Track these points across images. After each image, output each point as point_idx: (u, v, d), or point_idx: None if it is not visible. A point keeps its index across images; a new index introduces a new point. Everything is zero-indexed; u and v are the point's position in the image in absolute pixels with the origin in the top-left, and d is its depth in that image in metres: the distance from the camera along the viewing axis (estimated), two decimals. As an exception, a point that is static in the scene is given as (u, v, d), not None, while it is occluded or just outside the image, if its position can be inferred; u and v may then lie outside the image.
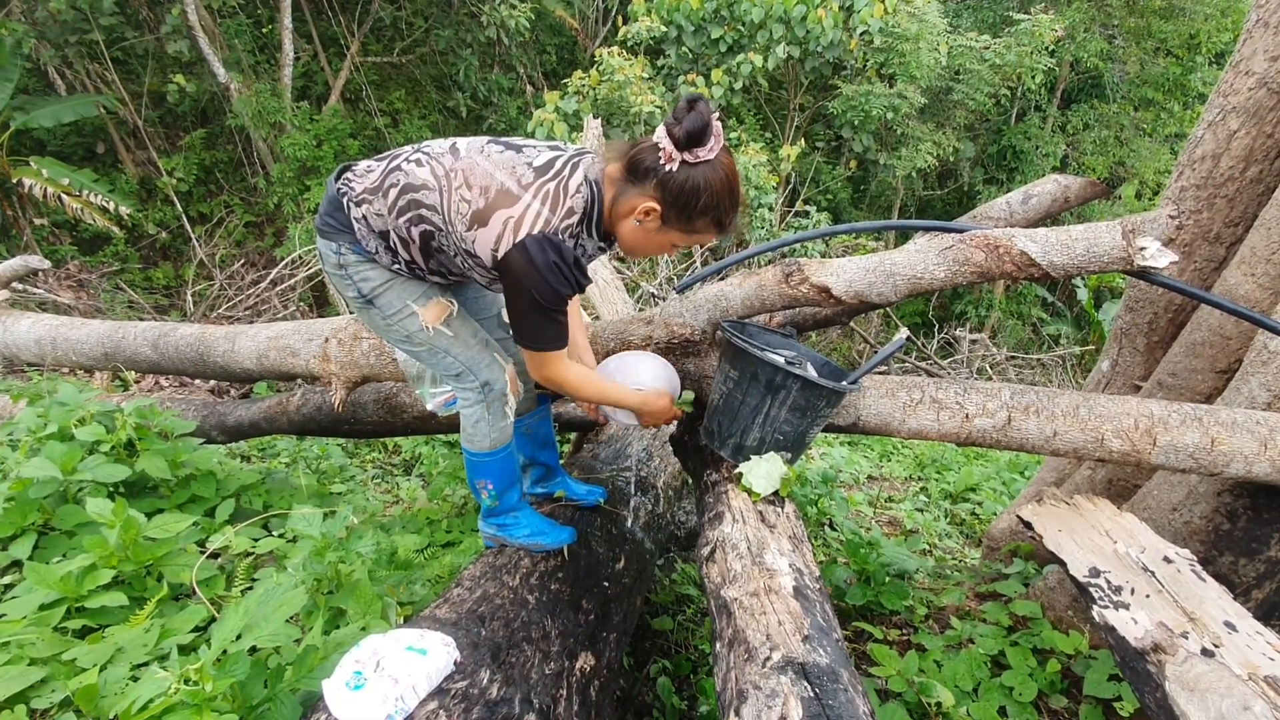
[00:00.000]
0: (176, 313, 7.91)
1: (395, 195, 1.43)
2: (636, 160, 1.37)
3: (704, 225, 1.40)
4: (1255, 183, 2.04)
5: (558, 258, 1.36)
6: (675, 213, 1.37)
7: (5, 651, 1.47)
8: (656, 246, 1.47)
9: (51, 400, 2.36)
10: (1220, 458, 1.61)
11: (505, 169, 1.40)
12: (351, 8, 10.10)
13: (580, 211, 1.40)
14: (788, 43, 7.89)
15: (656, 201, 1.36)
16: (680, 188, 1.34)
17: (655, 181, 1.35)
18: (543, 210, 1.37)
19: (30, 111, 7.80)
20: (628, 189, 1.40)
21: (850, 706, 0.98)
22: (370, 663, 1.15)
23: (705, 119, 1.28)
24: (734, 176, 1.38)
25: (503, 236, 1.36)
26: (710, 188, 1.34)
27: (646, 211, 1.38)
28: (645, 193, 1.37)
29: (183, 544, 1.99)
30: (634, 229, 1.43)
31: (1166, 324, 2.31)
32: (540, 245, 1.35)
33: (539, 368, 1.56)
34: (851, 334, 8.96)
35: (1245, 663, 1.15)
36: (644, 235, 1.44)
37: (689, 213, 1.37)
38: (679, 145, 1.30)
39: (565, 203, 1.38)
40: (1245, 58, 2.01)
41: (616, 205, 1.42)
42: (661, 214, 1.38)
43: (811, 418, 1.63)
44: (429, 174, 1.41)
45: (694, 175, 1.33)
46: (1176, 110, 10.83)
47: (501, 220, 1.36)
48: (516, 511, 1.82)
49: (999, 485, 4.68)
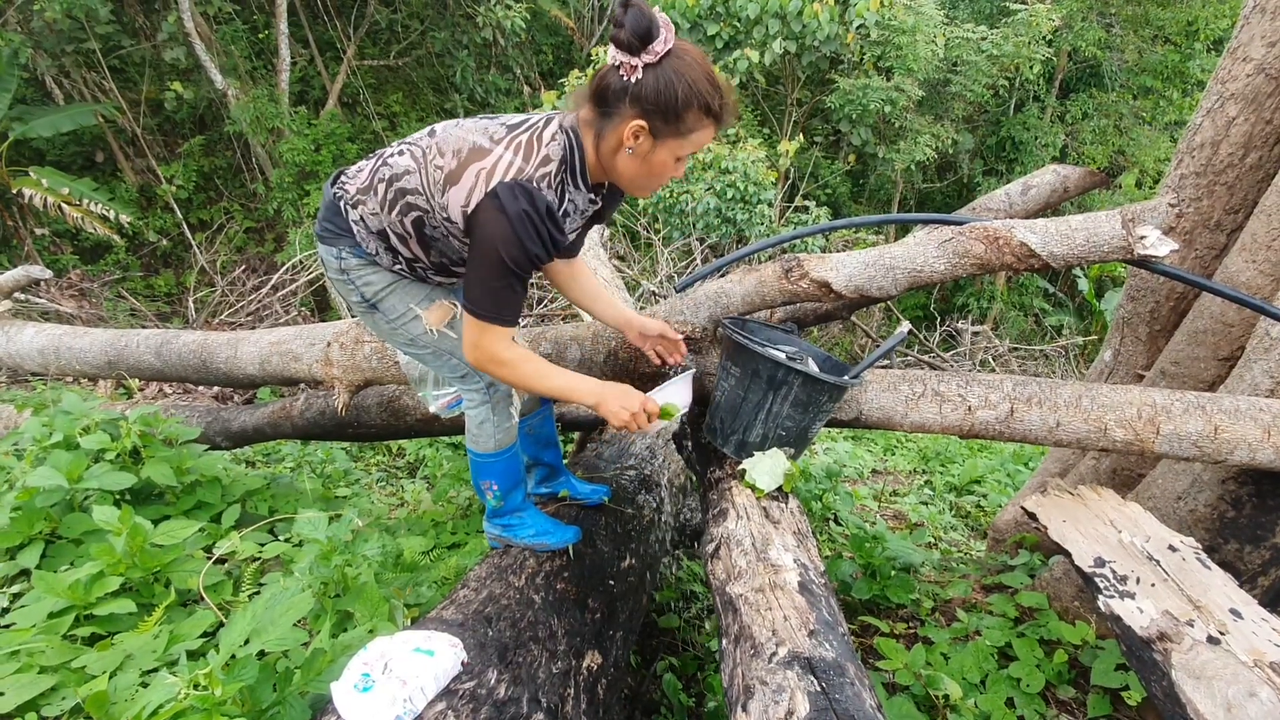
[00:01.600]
0: (178, 320, 7.93)
1: (384, 190, 1.43)
2: (602, 90, 1.30)
3: (695, 120, 1.30)
4: (1255, 169, 2.03)
5: (529, 206, 1.28)
6: (661, 120, 1.28)
7: (15, 660, 1.48)
8: (660, 168, 1.37)
9: (56, 409, 2.37)
10: (1224, 445, 1.61)
11: (478, 131, 1.37)
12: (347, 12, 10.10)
13: (558, 159, 1.34)
14: (784, 38, 7.87)
15: (639, 117, 1.28)
16: (655, 91, 1.25)
17: (629, 99, 1.27)
18: (515, 159, 1.31)
19: (28, 121, 7.82)
20: (606, 122, 1.33)
21: (857, 700, 0.98)
22: (378, 665, 1.16)
23: (646, 15, 1.21)
24: (703, 60, 1.29)
25: (474, 190, 1.30)
26: (683, 78, 1.25)
27: (635, 133, 1.30)
28: (625, 116, 1.29)
29: (189, 550, 1.99)
30: (629, 159, 1.35)
31: (1168, 312, 2.31)
32: (512, 192, 1.28)
33: (476, 342, 1.41)
34: (853, 328, 8.95)
35: (1251, 649, 1.15)
36: (642, 161, 1.35)
37: (675, 112, 1.28)
38: (632, 50, 1.23)
39: (540, 151, 1.32)
40: (1243, 44, 2.01)
41: (602, 144, 1.35)
42: (650, 128, 1.29)
43: (814, 413, 1.63)
44: (409, 160, 1.40)
45: (662, 73, 1.25)
46: (1175, 98, 10.81)
47: (473, 174, 1.31)
48: (521, 512, 1.82)
49: (1003, 477, 4.68)
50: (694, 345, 1.95)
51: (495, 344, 1.41)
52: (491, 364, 1.44)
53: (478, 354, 1.43)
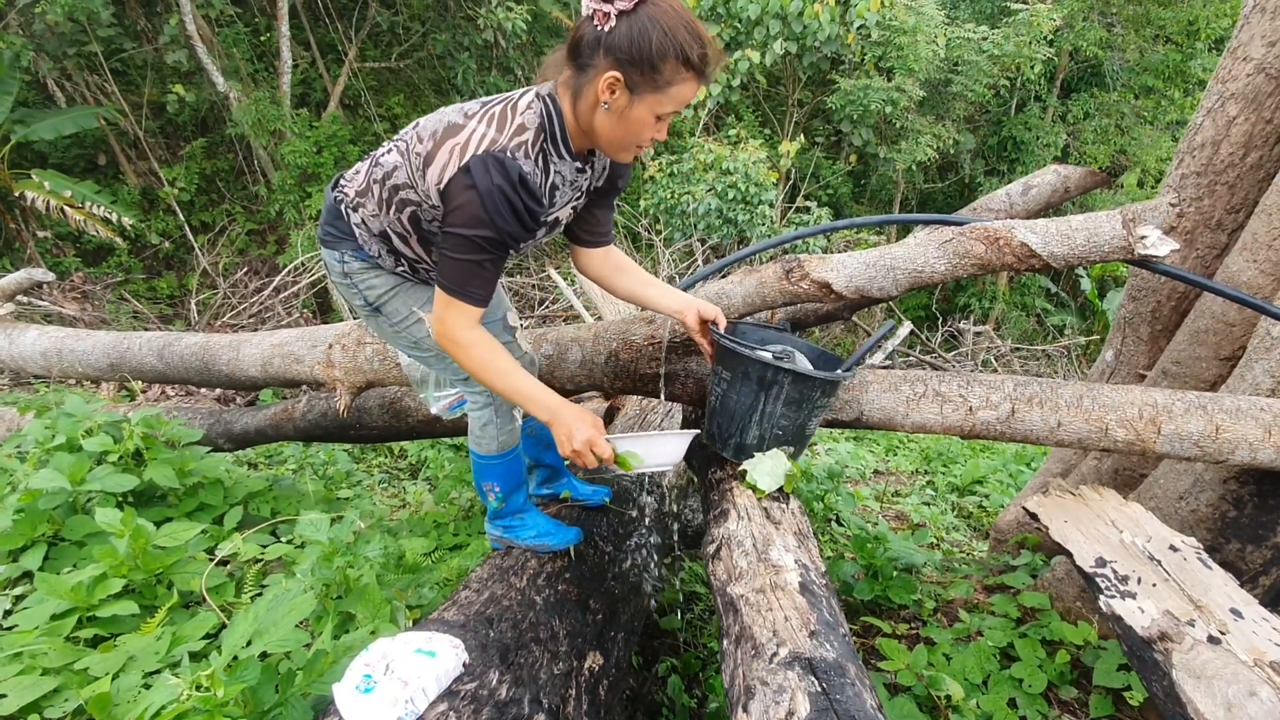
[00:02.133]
0: (181, 322, 7.95)
1: (379, 190, 1.43)
2: (576, 45, 1.25)
3: (672, 71, 1.22)
4: (1255, 169, 2.03)
5: (502, 180, 1.23)
6: (637, 72, 1.21)
7: (18, 662, 1.49)
8: (638, 125, 1.28)
9: (59, 412, 2.37)
10: (1225, 445, 1.61)
11: (454, 111, 1.34)
12: (349, 14, 10.12)
13: (534, 127, 1.29)
14: (785, 39, 7.88)
15: (614, 69, 1.21)
16: (629, 40, 1.19)
17: (602, 49, 1.21)
18: (488, 131, 1.26)
19: (30, 124, 7.84)
20: (581, 79, 1.26)
21: (858, 701, 0.98)
22: (380, 666, 1.16)
23: None
24: (681, 8, 1.22)
25: (447, 166, 1.26)
26: (659, 24, 1.18)
27: (610, 86, 1.23)
28: (599, 68, 1.23)
29: (192, 552, 2.00)
30: (605, 116, 1.27)
31: (1170, 312, 2.30)
32: (484, 165, 1.23)
33: (440, 316, 1.35)
34: (855, 329, 8.95)
35: (1251, 649, 1.15)
36: (619, 118, 1.27)
37: (650, 62, 1.20)
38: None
39: (514, 120, 1.28)
40: (1243, 43, 2.01)
41: (580, 103, 1.29)
42: (625, 81, 1.22)
43: (808, 410, 1.63)
44: (396, 155, 1.40)
45: (636, 20, 1.18)
46: (1177, 97, 10.80)
47: (448, 150, 1.27)
48: (523, 513, 1.83)
49: (1005, 477, 4.67)
50: (694, 346, 1.95)
51: (456, 321, 1.34)
52: (449, 342, 1.37)
53: (439, 329, 1.37)
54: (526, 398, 1.40)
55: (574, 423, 1.38)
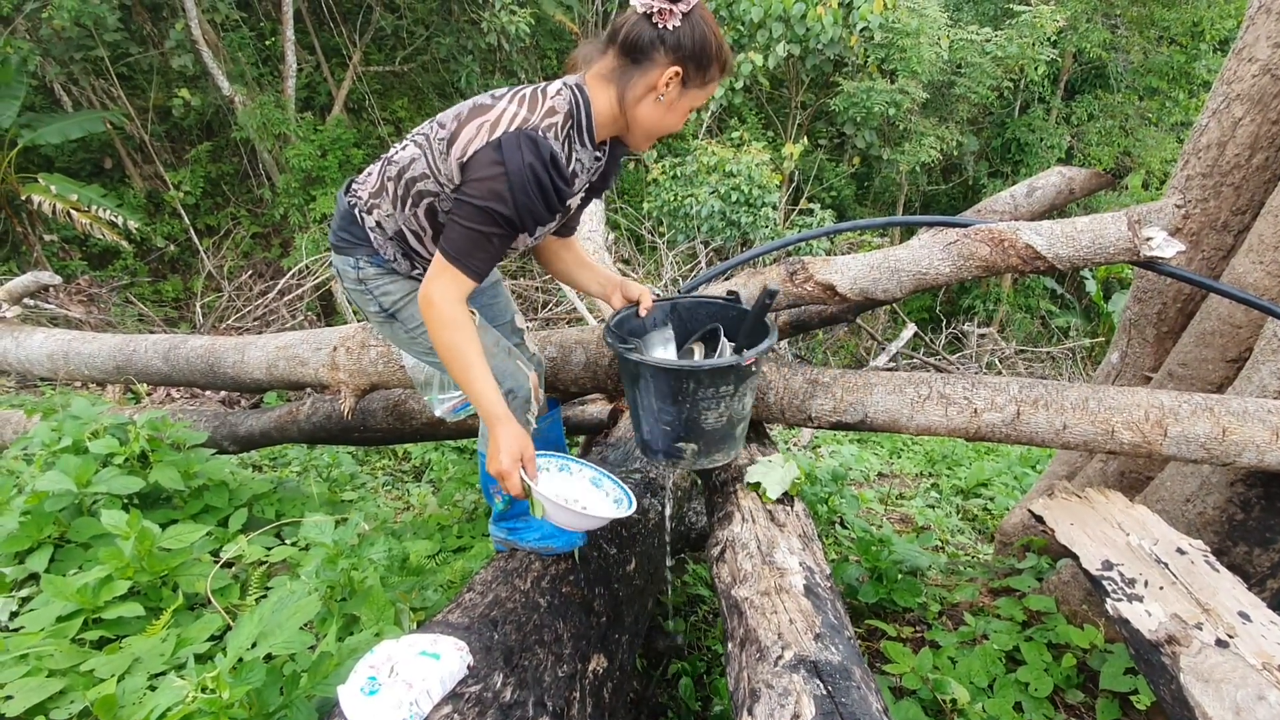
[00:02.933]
0: (186, 325, 7.98)
1: (393, 187, 1.43)
2: (634, 39, 1.31)
3: (715, 72, 1.36)
4: (1261, 170, 2.02)
5: (534, 157, 1.25)
6: (695, 68, 1.33)
7: (24, 663, 1.49)
8: (679, 116, 1.40)
9: (65, 414, 2.38)
10: (1232, 447, 1.60)
11: (480, 96, 1.38)
12: (353, 18, 10.16)
13: (563, 112, 1.33)
14: (788, 41, 7.88)
15: (675, 63, 1.31)
16: (692, 41, 1.29)
17: (665, 47, 1.30)
18: (520, 110, 1.29)
19: (37, 129, 7.89)
20: (634, 72, 1.33)
21: (863, 704, 0.98)
22: (384, 668, 1.16)
23: None
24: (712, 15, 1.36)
25: (474, 140, 1.28)
26: (710, 29, 1.31)
27: (668, 81, 1.32)
28: (659, 63, 1.31)
29: (197, 554, 2.00)
30: (653, 107, 1.36)
31: (1176, 314, 2.30)
32: (516, 142, 1.25)
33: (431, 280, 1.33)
34: (859, 330, 8.93)
35: (1260, 652, 1.14)
36: (665, 109, 1.37)
37: (706, 62, 1.33)
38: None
39: (545, 103, 1.32)
40: (1248, 44, 2.00)
41: (628, 93, 1.35)
42: (683, 76, 1.33)
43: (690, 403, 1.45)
44: (413, 149, 1.40)
45: (695, 24, 1.29)
46: (1182, 99, 10.76)
47: (475, 126, 1.29)
48: (527, 516, 1.83)
49: (1010, 480, 4.66)
50: (699, 348, 1.95)
51: (447, 290, 1.32)
52: (429, 308, 1.33)
53: (425, 290, 1.33)
54: (479, 395, 1.37)
55: (511, 443, 1.37)
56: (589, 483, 1.68)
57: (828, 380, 1.87)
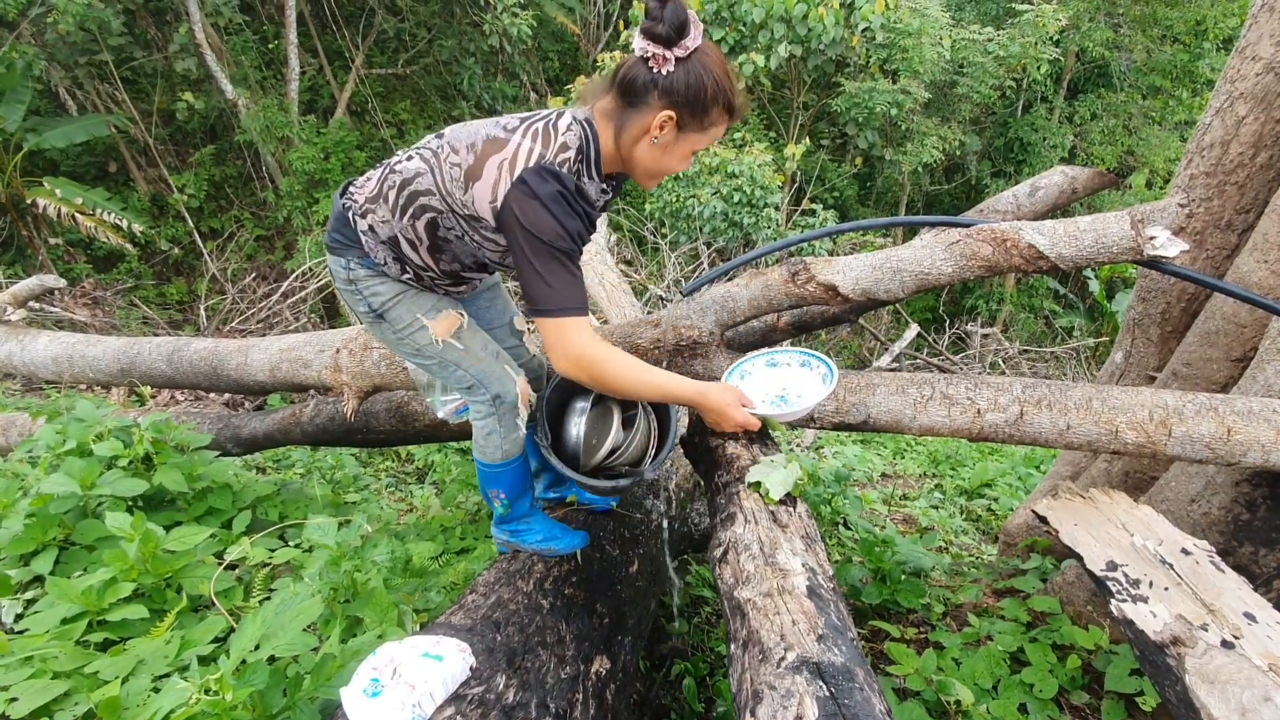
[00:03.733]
0: (190, 327, 8.00)
1: (394, 196, 1.44)
2: (629, 82, 1.32)
3: (718, 115, 1.36)
4: (1265, 168, 2.02)
5: (560, 186, 1.29)
6: (689, 113, 1.32)
7: (29, 665, 1.49)
8: (678, 159, 1.41)
9: (70, 417, 2.39)
10: (1237, 447, 1.59)
11: (490, 124, 1.38)
12: (356, 21, 10.19)
13: (575, 148, 1.35)
14: (789, 42, 7.88)
15: (669, 109, 1.31)
16: (686, 86, 1.29)
17: (658, 92, 1.30)
18: (534, 146, 1.32)
19: (42, 133, 7.93)
20: (629, 113, 1.35)
21: (866, 705, 0.97)
22: (387, 670, 1.16)
23: (681, 10, 1.24)
24: (722, 58, 1.34)
25: (499, 182, 1.31)
26: (712, 74, 1.30)
27: (662, 125, 1.33)
28: (652, 107, 1.32)
29: (201, 556, 2.01)
30: (651, 148, 1.37)
31: (1180, 313, 2.29)
32: (539, 175, 1.29)
33: (562, 345, 1.35)
34: (861, 331, 8.92)
35: (1266, 654, 1.14)
36: (664, 151, 1.38)
37: (703, 107, 1.32)
38: (668, 43, 1.26)
39: (557, 139, 1.34)
40: (1251, 43, 1.99)
41: (624, 134, 1.37)
42: (677, 121, 1.33)
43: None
44: (419, 163, 1.41)
45: (692, 68, 1.29)
46: (1185, 97, 10.73)
47: (495, 165, 1.32)
48: (529, 518, 1.83)
49: (1014, 480, 4.65)
50: (700, 349, 1.95)
51: (578, 339, 1.36)
52: (585, 363, 1.37)
53: (566, 358, 1.37)
54: (667, 394, 1.51)
55: (723, 397, 1.54)
56: (799, 366, 1.76)
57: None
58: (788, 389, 1.72)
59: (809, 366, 1.75)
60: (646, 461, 1.67)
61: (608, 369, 1.39)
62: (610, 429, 1.67)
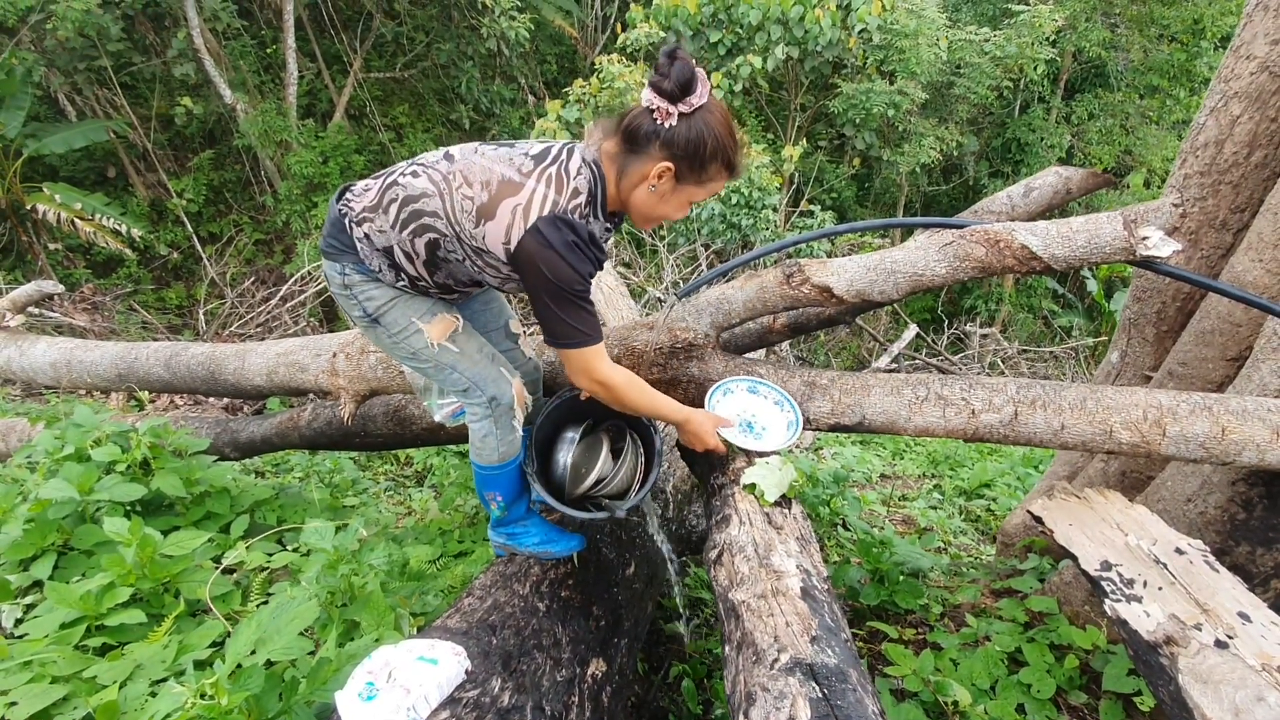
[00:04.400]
0: (189, 332, 8.01)
1: (396, 210, 1.44)
2: (633, 129, 1.36)
3: (716, 171, 1.40)
4: (1260, 168, 2.02)
5: (574, 236, 1.34)
6: (687, 166, 1.37)
7: (28, 670, 1.50)
8: (674, 208, 1.45)
9: (68, 422, 2.40)
10: (1232, 447, 1.59)
11: (503, 162, 1.40)
12: (354, 25, 10.22)
13: (585, 192, 1.39)
14: (786, 43, 7.89)
15: (667, 160, 1.35)
16: (686, 141, 1.33)
17: (659, 143, 1.34)
18: (549, 193, 1.36)
19: (42, 138, 7.94)
20: (631, 159, 1.39)
21: (859, 706, 0.98)
22: (382, 673, 1.17)
23: (690, 68, 1.28)
24: (728, 115, 1.38)
25: (513, 225, 1.35)
26: (713, 131, 1.34)
27: (659, 175, 1.37)
28: (652, 156, 1.36)
29: (199, 560, 2.01)
30: (648, 195, 1.42)
31: (1175, 313, 2.29)
32: (554, 225, 1.33)
33: (584, 371, 1.48)
34: (860, 332, 8.93)
35: (1260, 653, 1.14)
36: (659, 199, 1.43)
37: (701, 163, 1.36)
38: (672, 99, 1.30)
39: (570, 184, 1.38)
40: (1246, 42, 2.00)
41: (624, 178, 1.41)
42: (675, 172, 1.37)
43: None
44: (426, 182, 1.42)
45: (695, 124, 1.32)
46: (1182, 96, 10.74)
47: (509, 209, 1.35)
48: (525, 520, 1.83)
49: (1013, 480, 4.65)
50: (696, 351, 1.95)
51: (598, 366, 1.48)
52: (604, 388, 1.51)
53: (588, 382, 1.51)
54: (663, 415, 1.67)
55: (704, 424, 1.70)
56: (773, 404, 1.85)
57: (825, 382, 1.87)
58: (757, 418, 1.82)
59: (781, 407, 1.83)
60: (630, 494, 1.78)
61: (622, 391, 1.54)
62: (598, 459, 1.80)
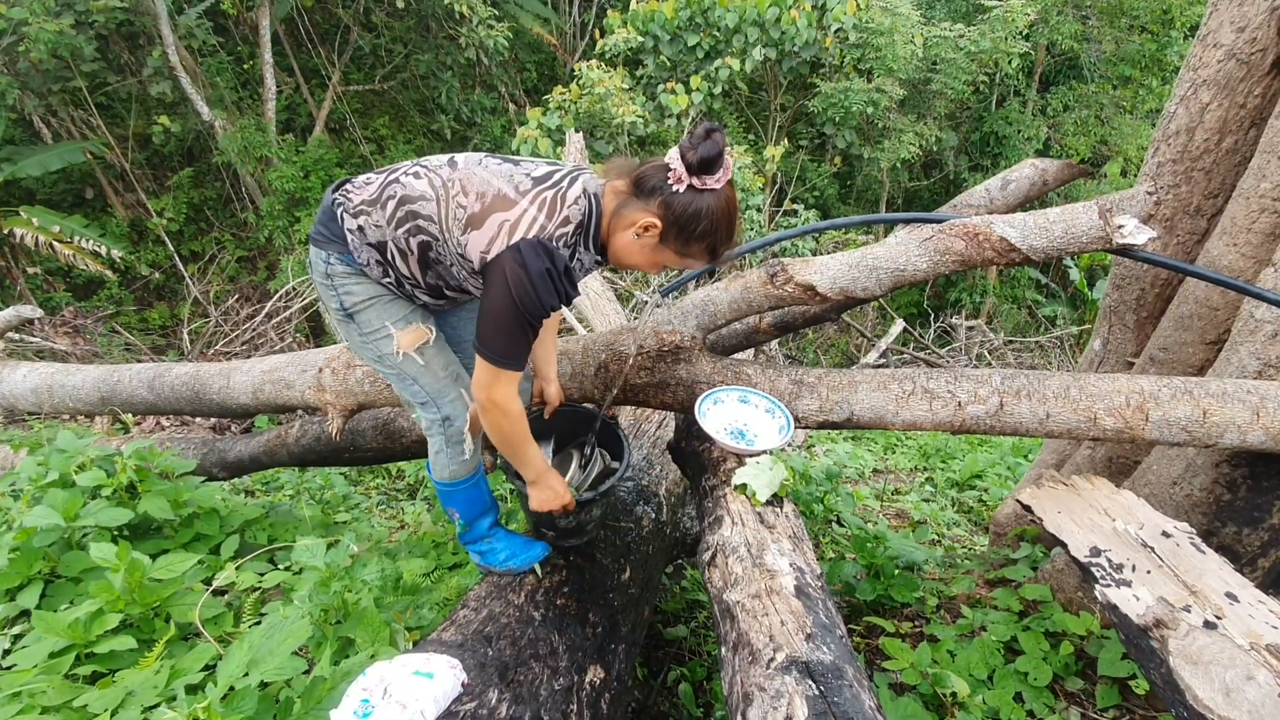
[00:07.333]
0: (174, 352, 7.93)
1: (393, 207, 1.44)
2: (644, 177, 1.39)
3: (698, 250, 1.42)
4: (1231, 153, 2.05)
5: (550, 264, 1.36)
6: (674, 233, 1.39)
7: (17, 701, 1.47)
8: (647, 262, 1.48)
9: (51, 448, 2.36)
10: (1214, 429, 1.61)
11: (503, 178, 1.42)
12: (331, 39, 10.17)
13: (576, 222, 1.41)
14: (764, 45, 7.94)
15: (658, 218, 1.38)
16: (683, 210, 1.36)
17: (660, 200, 1.37)
18: (539, 216, 1.37)
19: (17, 161, 7.85)
20: (631, 202, 1.42)
21: (856, 702, 0.98)
22: (377, 690, 1.16)
23: (719, 149, 1.31)
24: (735, 209, 1.41)
25: (496, 239, 1.36)
26: (711, 215, 1.37)
27: (646, 227, 1.39)
28: (648, 209, 1.39)
29: (189, 583, 1.99)
30: (630, 242, 1.44)
31: (1154, 299, 2.32)
32: (535, 250, 1.35)
33: (489, 385, 1.45)
34: (848, 328, 8.97)
35: (1248, 632, 1.15)
36: (638, 249, 1.45)
37: (687, 235, 1.39)
38: (690, 169, 1.33)
39: (562, 211, 1.39)
40: (1212, 30, 2.03)
41: (617, 217, 1.44)
42: (661, 231, 1.40)
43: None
44: (426, 185, 1.43)
45: (698, 200, 1.35)
46: (1155, 86, 10.88)
47: (497, 223, 1.36)
48: (490, 538, 1.82)
49: (1004, 470, 4.68)
50: (683, 354, 1.95)
51: (506, 390, 1.46)
52: (494, 407, 1.47)
53: (485, 396, 1.47)
54: (526, 466, 1.62)
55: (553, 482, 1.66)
56: (764, 411, 1.85)
57: (812, 380, 1.88)
58: (749, 426, 1.83)
59: (773, 414, 1.84)
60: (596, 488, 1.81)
61: (510, 422, 1.51)
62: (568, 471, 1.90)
